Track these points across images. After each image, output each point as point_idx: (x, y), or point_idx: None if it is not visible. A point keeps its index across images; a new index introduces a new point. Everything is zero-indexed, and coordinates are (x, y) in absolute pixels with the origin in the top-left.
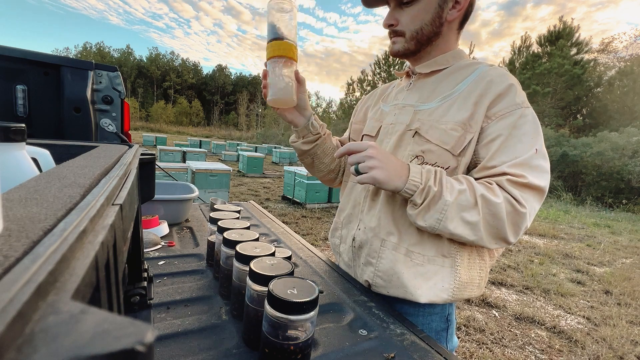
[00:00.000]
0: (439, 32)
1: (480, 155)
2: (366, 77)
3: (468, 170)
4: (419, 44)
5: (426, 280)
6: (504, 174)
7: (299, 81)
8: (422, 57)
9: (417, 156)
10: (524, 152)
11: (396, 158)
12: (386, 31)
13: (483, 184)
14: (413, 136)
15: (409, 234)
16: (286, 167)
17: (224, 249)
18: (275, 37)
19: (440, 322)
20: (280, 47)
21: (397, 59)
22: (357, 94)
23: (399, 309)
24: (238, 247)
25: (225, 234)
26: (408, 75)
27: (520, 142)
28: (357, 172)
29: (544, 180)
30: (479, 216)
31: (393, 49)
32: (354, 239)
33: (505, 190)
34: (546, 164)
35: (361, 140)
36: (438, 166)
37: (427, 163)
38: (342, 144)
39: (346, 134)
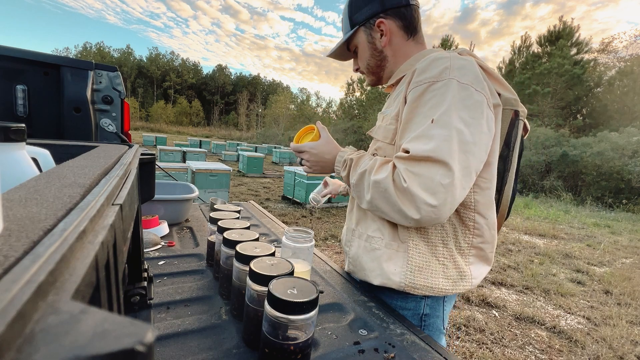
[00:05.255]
0: (383, 57)
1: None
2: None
3: None
4: (376, 74)
5: (380, 263)
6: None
7: None
8: (388, 77)
9: (373, 154)
10: (420, 125)
11: (330, 153)
12: None
13: (381, 164)
14: (371, 139)
15: (369, 222)
16: (286, 167)
17: (224, 249)
18: None
19: (412, 319)
20: None
21: None
22: (357, 94)
23: (378, 294)
24: (238, 247)
25: (225, 234)
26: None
27: (418, 115)
28: (301, 164)
29: (429, 146)
30: (369, 195)
31: (368, 84)
32: (343, 236)
33: (396, 167)
34: (444, 131)
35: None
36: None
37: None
38: None
39: None
